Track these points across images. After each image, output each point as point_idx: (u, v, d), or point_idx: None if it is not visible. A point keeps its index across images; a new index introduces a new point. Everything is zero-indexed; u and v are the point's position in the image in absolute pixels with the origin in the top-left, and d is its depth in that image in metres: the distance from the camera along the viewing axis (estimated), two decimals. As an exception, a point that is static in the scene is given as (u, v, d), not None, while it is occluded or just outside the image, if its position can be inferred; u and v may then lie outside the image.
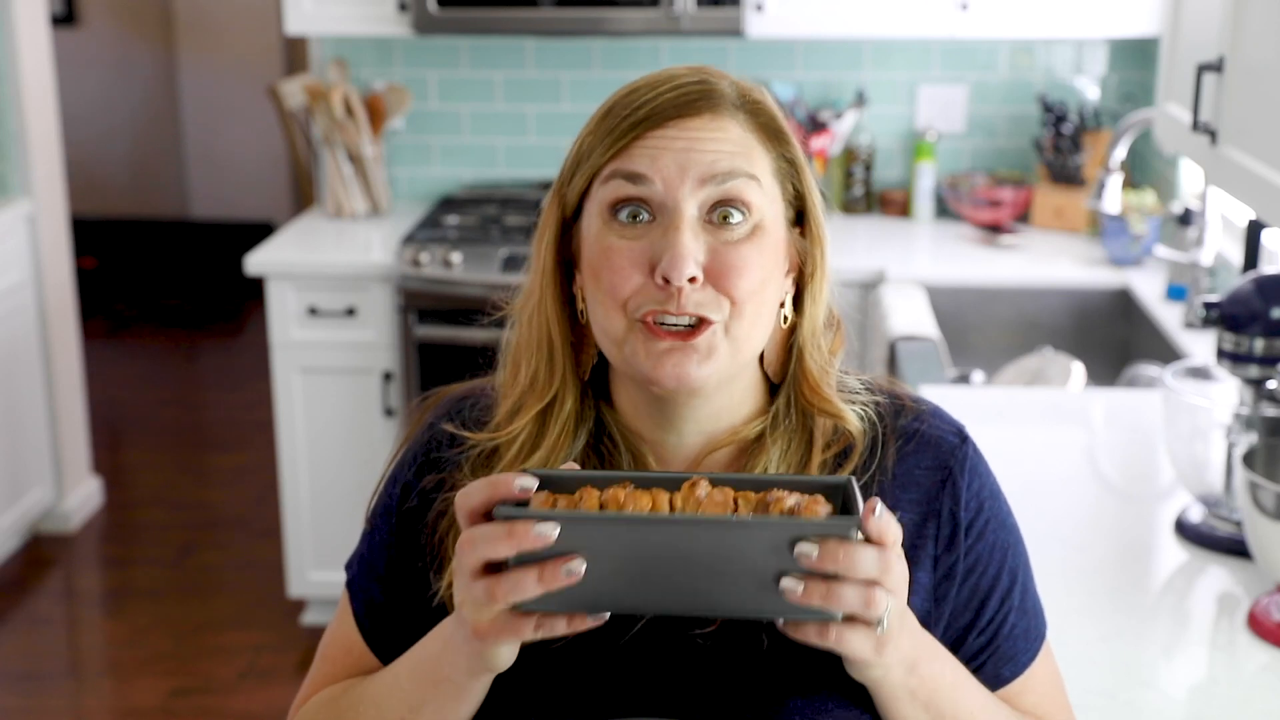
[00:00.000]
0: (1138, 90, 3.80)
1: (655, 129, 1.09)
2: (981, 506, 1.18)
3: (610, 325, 1.11)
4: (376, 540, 1.24)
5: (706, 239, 1.09)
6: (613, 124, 1.11)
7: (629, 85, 1.14)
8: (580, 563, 0.95)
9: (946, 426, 1.20)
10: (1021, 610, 1.19)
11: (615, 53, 3.91)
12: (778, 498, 0.99)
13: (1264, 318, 1.85)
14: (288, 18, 3.64)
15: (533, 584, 0.95)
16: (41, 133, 4.20)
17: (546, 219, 1.16)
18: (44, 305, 4.21)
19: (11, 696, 3.50)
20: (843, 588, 0.95)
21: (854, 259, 3.38)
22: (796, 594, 0.95)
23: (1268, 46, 1.72)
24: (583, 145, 1.13)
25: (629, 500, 0.99)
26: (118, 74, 7.25)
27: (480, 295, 3.40)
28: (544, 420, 1.16)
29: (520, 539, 0.95)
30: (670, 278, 1.06)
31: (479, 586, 0.97)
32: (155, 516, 4.54)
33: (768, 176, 1.12)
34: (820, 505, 0.98)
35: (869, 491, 1.16)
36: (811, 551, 0.94)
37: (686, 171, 1.08)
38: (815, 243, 1.15)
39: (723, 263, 1.08)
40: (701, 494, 1.00)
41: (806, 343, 1.16)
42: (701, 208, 1.09)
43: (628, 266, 1.09)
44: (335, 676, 1.26)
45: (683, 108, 1.09)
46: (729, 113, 1.11)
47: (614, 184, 1.10)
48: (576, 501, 0.99)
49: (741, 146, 1.10)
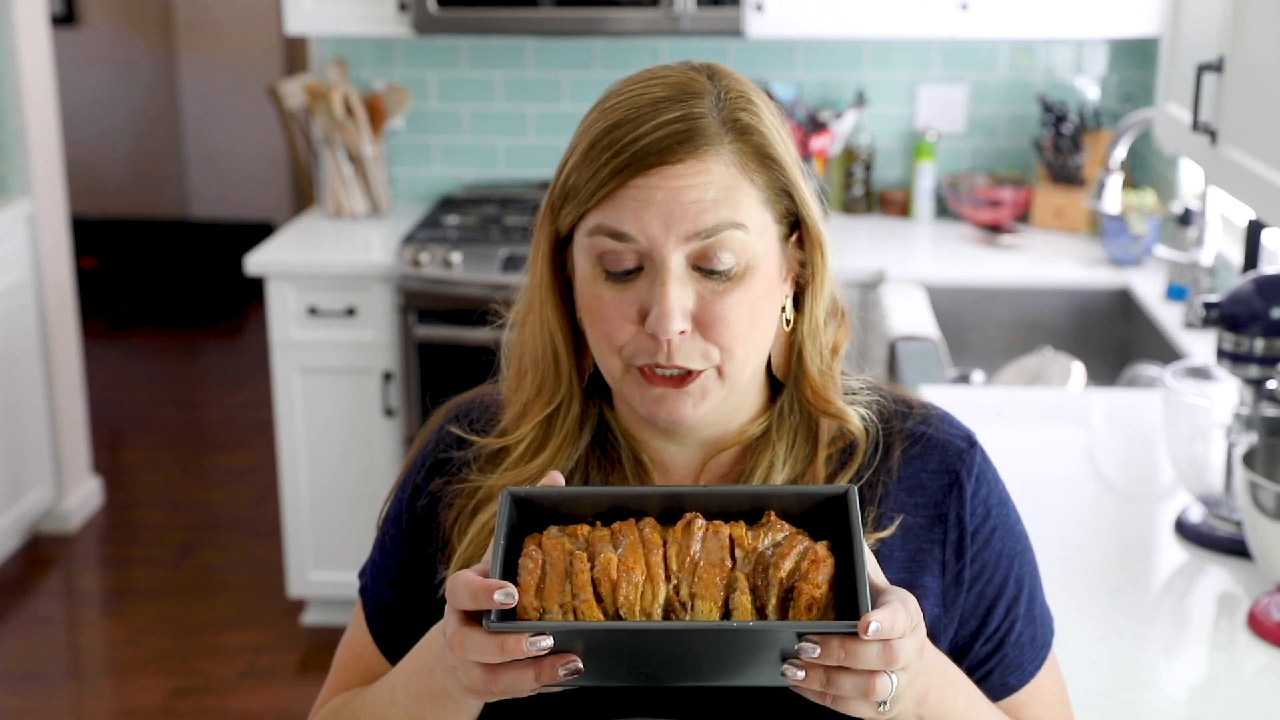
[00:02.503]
0: (1138, 90, 3.80)
1: (636, 177, 1.05)
2: (989, 513, 1.17)
3: (607, 364, 1.11)
4: (388, 545, 1.24)
5: (695, 286, 1.07)
6: (595, 167, 1.07)
7: (613, 109, 1.09)
8: (577, 662, 0.93)
9: (955, 431, 1.20)
10: (1029, 618, 1.19)
11: (615, 53, 3.91)
12: (777, 556, 0.97)
13: (1264, 318, 1.85)
14: (288, 18, 3.64)
15: (530, 683, 0.94)
16: (41, 133, 4.20)
17: (540, 235, 1.14)
18: (44, 305, 4.21)
19: (11, 696, 3.50)
20: (842, 677, 0.94)
21: (854, 259, 3.38)
22: (797, 679, 0.94)
23: (1268, 46, 1.71)
24: (569, 177, 1.10)
25: (621, 573, 0.96)
26: (118, 74, 7.24)
27: (480, 295, 3.40)
28: (549, 425, 1.16)
29: (512, 653, 0.93)
30: (658, 334, 1.06)
31: (475, 673, 0.96)
32: (155, 516, 4.54)
33: (756, 211, 1.08)
34: (820, 569, 0.96)
35: (873, 492, 1.16)
36: (813, 651, 0.92)
37: (670, 228, 1.05)
38: (815, 248, 1.14)
39: (711, 313, 1.07)
40: (696, 548, 0.98)
41: (806, 341, 1.15)
42: (687, 257, 1.07)
43: (618, 318, 1.08)
44: (347, 683, 1.27)
45: (664, 154, 1.05)
46: (713, 150, 1.06)
47: (598, 239, 1.08)
48: (566, 568, 0.96)
49: (726, 189, 1.06)
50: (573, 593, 0.96)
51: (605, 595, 0.96)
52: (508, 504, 1.00)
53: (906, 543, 1.15)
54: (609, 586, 0.96)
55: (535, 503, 1.02)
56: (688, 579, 0.97)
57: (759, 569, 0.97)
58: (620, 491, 1.04)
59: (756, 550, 0.98)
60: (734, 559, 0.98)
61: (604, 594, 0.96)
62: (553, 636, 0.92)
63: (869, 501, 1.15)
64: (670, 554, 0.98)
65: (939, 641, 1.15)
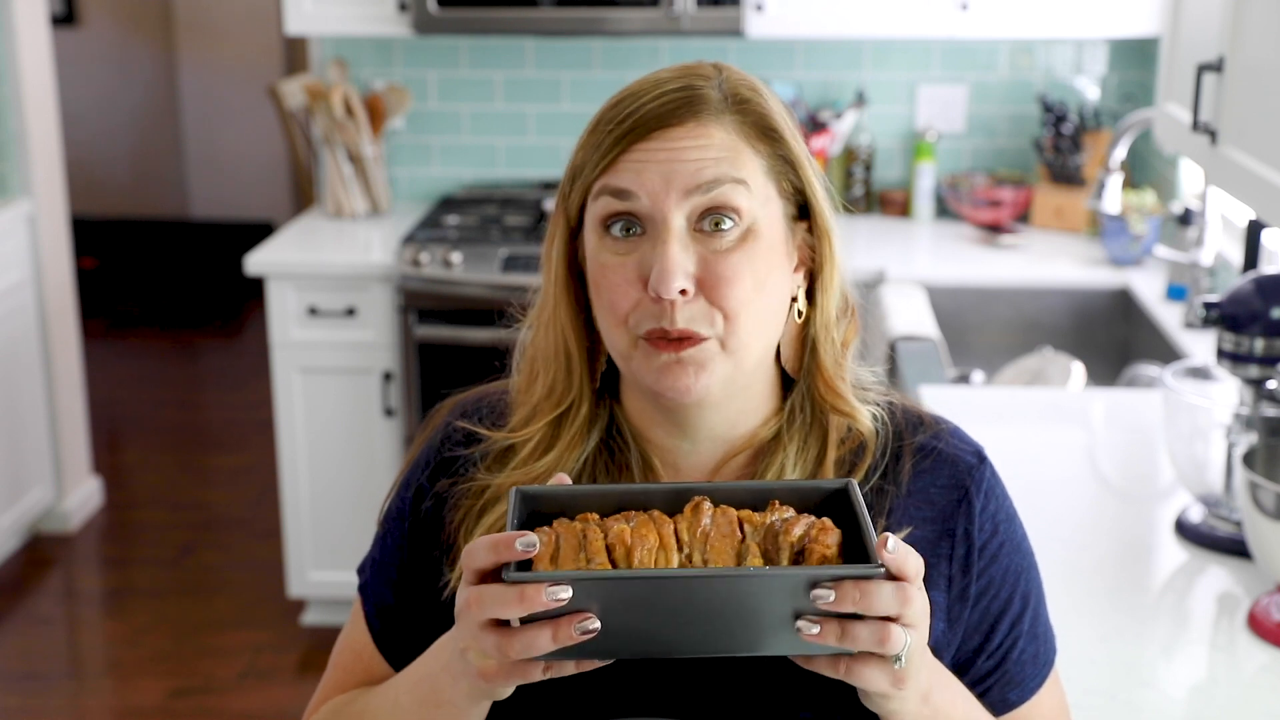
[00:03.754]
0: (1138, 90, 3.80)
1: (639, 142, 1.08)
2: (997, 529, 1.17)
3: (615, 340, 1.11)
4: (389, 544, 1.23)
5: (697, 248, 1.08)
6: (600, 138, 1.10)
7: (619, 94, 1.12)
8: (594, 621, 0.93)
9: (965, 446, 1.19)
10: (1032, 635, 1.19)
11: (615, 53, 3.91)
12: (785, 525, 0.98)
13: (1264, 318, 1.85)
14: (288, 18, 3.64)
15: (546, 642, 0.94)
16: (41, 133, 4.20)
17: (554, 229, 1.15)
18: (44, 305, 4.21)
19: (11, 696, 3.50)
20: (858, 626, 0.94)
21: (854, 259, 3.38)
22: (812, 634, 0.94)
23: (1268, 46, 1.71)
24: (576, 158, 1.13)
25: (635, 539, 0.97)
26: (118, 74, 7.25)
27: (480, 295, 3.40)
28: (559, 425, 1.16)
29: (531, 603, 0.92)
30: (660, 292, 1.06)
31: (488, 640, 0.95)
32: (155, 516, 4.54)
33: (758, 177, 1.10)
34: (829, 533, 0.97)
35: (881, 503, 1.15)
36: (828, 596, 0.93)
37: (671, 183, 1.07)
38: (823, 235, 1.15)
39: (713, 273, 1.07)
40: (706, 521, 0.98)
41: (820, 335, 1.15)
42: (690, 217, 1.08)
43: (623, 283, 1.08)
44: (345, 683, 1.26)
45: (665, 118, 1.08)
46: (713, 117, 1.09)
47: (603, 200, 1.09)
48: (580, 540, 0.97)
49: (727, 151, 1.08)
50: (587, 559, 0.97)
51: (620, 560, 0.97)
52: (517, 500, 1.01)
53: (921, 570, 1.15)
54: (623, 551, 0.97)
55: (543, 502, 1.02)
56: (700, 547, 0.98)
57: (769, 537, 0.98)
58: (627, 489, 1.04)
59: (765, 524, 0.99)
60: (743, 533, 0.99)
61: (618, 559, 0.97)
62: (571, 588, 0.92)
63: (878, 513, 1.15)
64: (681, 528, 0.99)
65: (942, 656, 1.15)
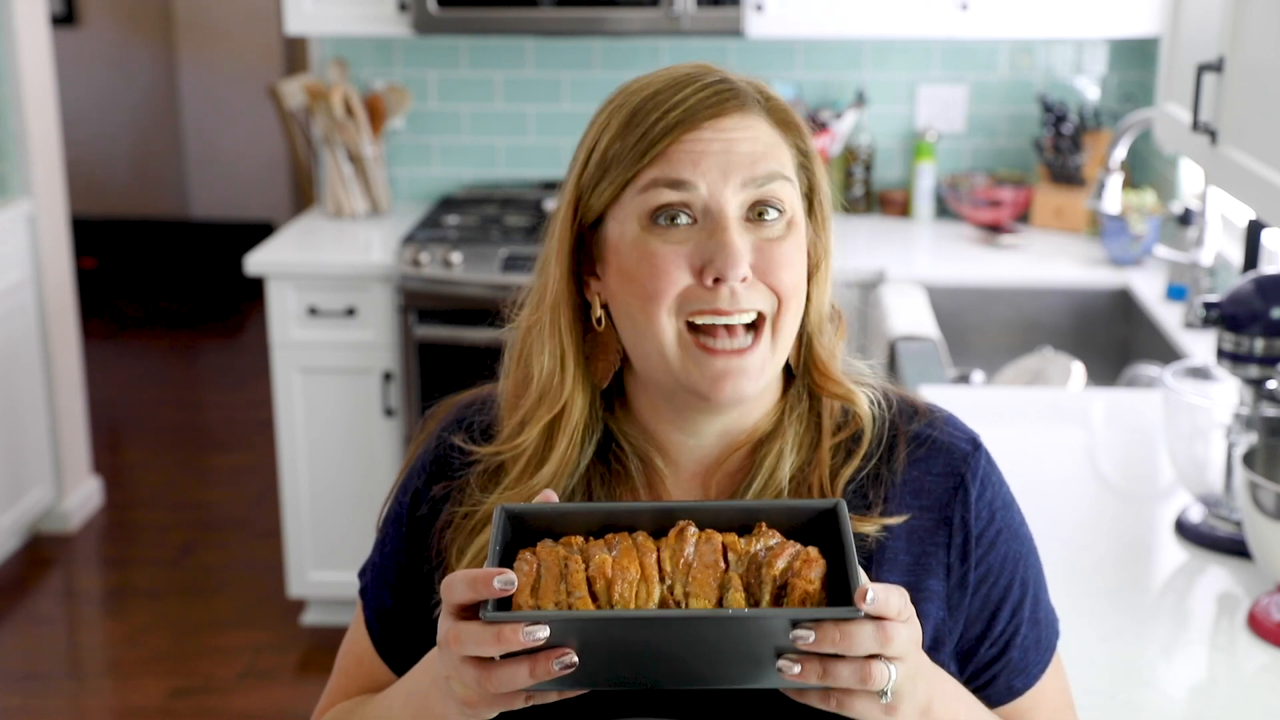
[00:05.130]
0: (1138, 90, 3.80)
1: (690, 132, 1.09)
2: (994, 516, 1.17)
3: (654, 330, 1.10)
4: (388, 549, 1.23)
5: (749, 237, 1.09)
6: (643, 129, 1.09)
7: (641, 87, 1.12)
8: (572, 655, 0.93)
9: (960, 434, 1.20)
10: (1034, 621, 1.19)
11: (615, 53, 3.91)
12: (769, 556, 0.97)
13: (1264, 318, 1.85)
14: (288, 18, 3.64)
15: (525, 677, 0.94)
16: (41, 133, 4.20)
17: (561, 229, 1.14)
18: (44, 305, 4.21)
19: (11, 696, 3.50)
20: (839, 665, 0.93)
21: (854, 259, 3.38)
22: (794, 674, 0.94)
23: (1268, 46, 1.71)
24: (607, 152, 1.11)
25: (616, 571, 0.96)
26: (118, 74, 7.24)
27: (480, 295, 3.40)
28: (552, 432, 1.15)
29: (509, 643, 0.92)
30: (725, 276, 1.07)
31: (469, 674, 0.96)
32: (155, 516, 4.54)
33: (792, 170, 1.13)
34: (813, 566, 0.97)
35: (877, 492, 1.15)
36: (808, 636, 0.92)
37: (729, 175, 1.08)
38: (821, 229, 1.17)
39: (768, 259, 1.09)
40: (690, 550, 0.98)
41: (814, 327, 1.17)
42: (741, 207, 1.09)
43: (673, 270, 1.09)
44: (348, 688, 1.26)
45: (715, 108, 1.09)
46: (754, 110, 1.12)
47: (655, 191, 1.09)
48: (561, 569, 0.96)
49: (771, 145, 1.11)
50: (567, 591, 0.96)
51: (600, 594, 0.96)
52: (501, 519, 1.00)
53: (911, 546, 1.15)
54: (604, 584, 0.96)
55: (529, 520, 1.02)
56: (682, 579, 0.97)
57: (752, 568, 0.98)
58: (612, 507, 1.04)
59: (749, 553, 0.98)
60: (727, 562, 0.98)
61: (599, 592, 0.96)
62: (549, 627, 0.92)
63: (875, 495, 1.15)
64: (664, 557, 0.98)
65: (944, 645, 1.15)
